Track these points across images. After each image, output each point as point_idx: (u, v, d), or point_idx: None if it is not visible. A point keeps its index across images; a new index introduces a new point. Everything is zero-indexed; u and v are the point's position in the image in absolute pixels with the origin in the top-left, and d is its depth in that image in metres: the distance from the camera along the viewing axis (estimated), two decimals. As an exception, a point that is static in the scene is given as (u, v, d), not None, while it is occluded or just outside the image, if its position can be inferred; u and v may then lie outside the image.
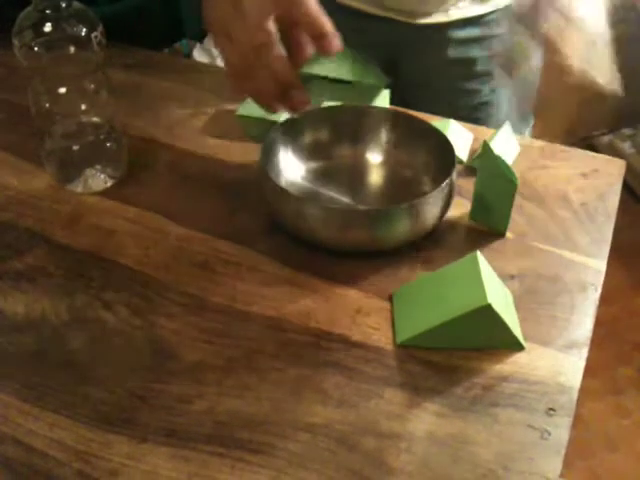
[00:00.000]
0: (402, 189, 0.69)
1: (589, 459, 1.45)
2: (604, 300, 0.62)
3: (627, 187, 2.05)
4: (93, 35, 0.64)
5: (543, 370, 0.55)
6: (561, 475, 0.49)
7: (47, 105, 0.67)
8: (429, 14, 0.80)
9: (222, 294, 0.60)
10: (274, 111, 0.61)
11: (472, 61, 0.81)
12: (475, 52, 0.83)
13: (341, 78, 0.61)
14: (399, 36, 0.70)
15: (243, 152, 0.77)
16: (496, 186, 0.64)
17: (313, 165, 0.72)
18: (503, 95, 0.87)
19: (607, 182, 0.73)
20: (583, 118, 2.21)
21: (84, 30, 0.63)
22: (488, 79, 0.84)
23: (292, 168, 0.71)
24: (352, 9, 0.82)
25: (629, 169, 0.75)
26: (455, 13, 0.81)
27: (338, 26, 0.83)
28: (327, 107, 0.74)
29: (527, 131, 0.94)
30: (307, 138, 0.72)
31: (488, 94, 0.86)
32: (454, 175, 0.63)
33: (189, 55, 1.63)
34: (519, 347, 0.56)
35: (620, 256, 1.85)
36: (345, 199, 0.69)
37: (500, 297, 0.56)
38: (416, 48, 0.83)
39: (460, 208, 0.69)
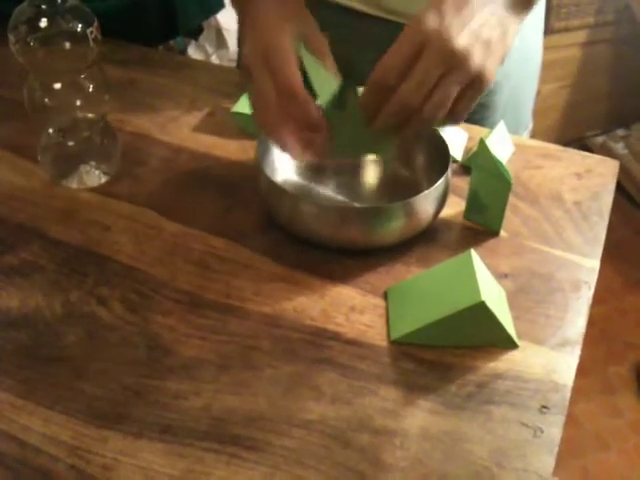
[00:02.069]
0: (397, 187, 0.69)
1: (581, 458, 1.45)
2: (596, 300, 0.63)
3: (620, 187, 2.06)
4: (88, 31, 0.64)
5: (536, 368, 0.55)
6: (554, 474, 0.49)
7: (42, 101, 0.66)
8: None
9: (217, 291, 0.61)
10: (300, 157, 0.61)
11: None
12: None
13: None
14: (395, 37, 0.69)
15: (239, 149, 0.77)
16: (491, 185, 0.64)
17: (309, 162, 0.72)
18: (499, 98, 0.87)
19: (600, 182, 0.74)
20: (577, 119, 2.21)
21: (79, 26, 0.63)
22: None
23: (288, 165, 0.71)
24: (348, 8, 0.82)
25: (622, 169, 0.76)
26: None
27: (334, 25, 0.84)
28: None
29: (525, 134, 0.95)
30: (302, 136, 0.72)
31: (483, 96, 0.86)
32: (449, 174, 0.63)
33: (184, 52, 1.62)
34: (512, 345, 0.56)
35: (612, 256, 1.86)
36: (340, 197, 0.69)
37: (494, 295, 0.56)
38: None
39: (455, 207, 0.69)
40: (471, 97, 0.56)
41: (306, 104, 0.58)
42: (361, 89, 0.58)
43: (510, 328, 0.56)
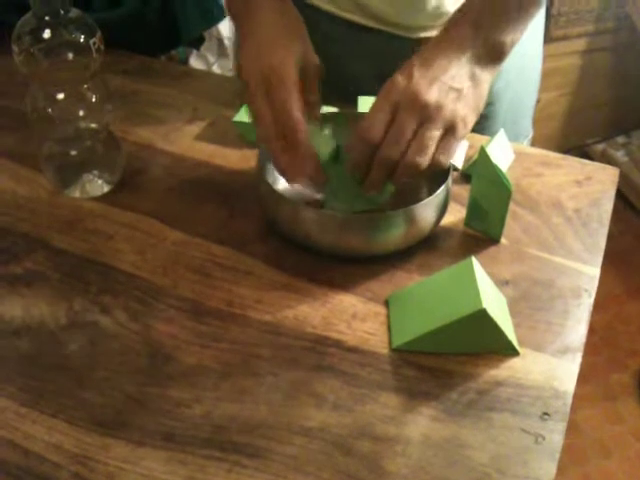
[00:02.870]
0: (398, 195, 0.70)
1: (583, 465, 1.45)
2: (597, 307, 0.63)
3: (620, 195, 2.06)
4: (91, 41, 0.64)
5: (537, 375, 0.55)
6: (555, 480, 0.49)
7: (45, 111, 0.67)
8: (424, 28, 0.81)
9: (218, 299, 0.61)
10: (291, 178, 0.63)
11: None
12: None
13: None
14: (395, 49, 0.70)
15: (240, 158, 0.77)
16: (491, 193, 0.64)
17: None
18: (499, 107, 0.87)
19: (600, 189, 0.74)
20: (577, 126, 2.22)
21: (82, 36, 0.64)
22: None
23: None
24: (349, 21, 0.83)
25: (622, 177, 0.76)
26: None
27: (336, 38, 0.84)
28: (324, 113, 0.74)
29: (525, 142, 0.95)
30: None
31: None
32: (449, 182, 0.63)
33: (186, 62, 1.63)
34: (514, 352, 0.56)
35: (613, 263, 1.86)
36: (341, 205, 0.69)
37: (495, 302, 0.56)
38: None
39: (455, 214, 0.69)
40: (449, 143, 0.59)
41: (301, 140, 0.59)
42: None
43: (511, 335, 0.56)
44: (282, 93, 0.59)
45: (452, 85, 0.58)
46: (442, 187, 0.62)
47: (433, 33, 0.82)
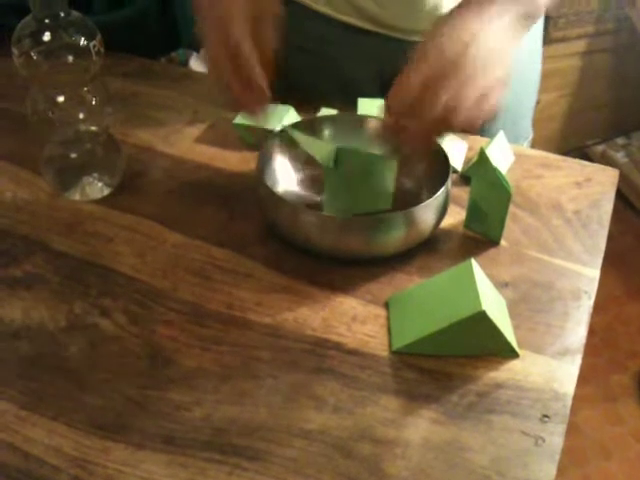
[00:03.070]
0: (398, 197, 0.70)
1: (583, 466, 1.45)
2: (598, 308, 0.63)
3: (620, 196, 2.06)
4: (91, 44, 0.64)
5: (537, 377, 0.55)
6: (555, 482, 0.49)
7: (45, 113, 0.67)
8: (423, 31, 0.81)
9: (218, 301, 0.61)
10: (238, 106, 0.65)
11: None
12: None
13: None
14: (393, 52, 0.70)
15: (240, 160, 0.77)
16: (491, 194, 0.64)
17: (310, 173, 0.73)
18: (499, 108, 0.87)
19: (600, 191, 0.74)
20: (577, 127, 2.22)
21: (82, 39, 0.64)
22: None
23: (289, 176, 0.72)
24: (345, 23, 0.83)
25: (623, 178, 0.76)
26: None
27: (334, 41, 0.84)
28: (324, 116, 0.75)
29: (525, 144, 0.95)
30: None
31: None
32: (449, 184, 0.63)
33: (186, 64, 1.63)
34: (513, 354, 0.56)
35: (613, 264, 1.86)
36: (341, 207, 0.69)
37: (494, 304, 0.56)
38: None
39: (455, 216, 0.69)
40: (485, 104, 0.60)
41: (254, 77, 0.61)
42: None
43: (511, 337, 0.56)
44: (235, 33, 0.61)
45: (485, 48, 0.58)
46: (442, 189, 0.62)
47: None
